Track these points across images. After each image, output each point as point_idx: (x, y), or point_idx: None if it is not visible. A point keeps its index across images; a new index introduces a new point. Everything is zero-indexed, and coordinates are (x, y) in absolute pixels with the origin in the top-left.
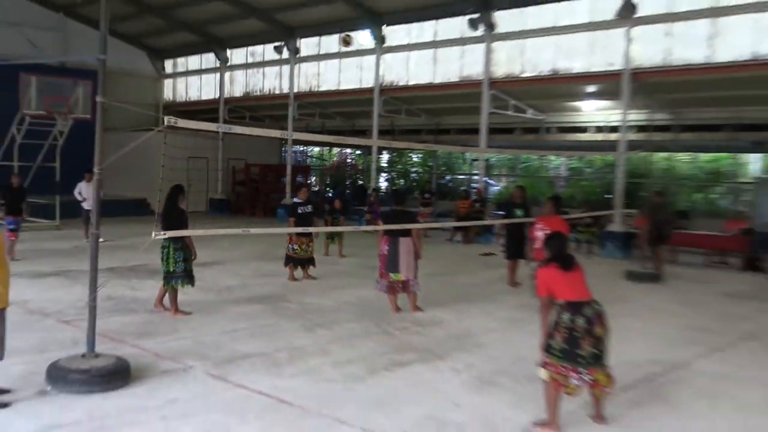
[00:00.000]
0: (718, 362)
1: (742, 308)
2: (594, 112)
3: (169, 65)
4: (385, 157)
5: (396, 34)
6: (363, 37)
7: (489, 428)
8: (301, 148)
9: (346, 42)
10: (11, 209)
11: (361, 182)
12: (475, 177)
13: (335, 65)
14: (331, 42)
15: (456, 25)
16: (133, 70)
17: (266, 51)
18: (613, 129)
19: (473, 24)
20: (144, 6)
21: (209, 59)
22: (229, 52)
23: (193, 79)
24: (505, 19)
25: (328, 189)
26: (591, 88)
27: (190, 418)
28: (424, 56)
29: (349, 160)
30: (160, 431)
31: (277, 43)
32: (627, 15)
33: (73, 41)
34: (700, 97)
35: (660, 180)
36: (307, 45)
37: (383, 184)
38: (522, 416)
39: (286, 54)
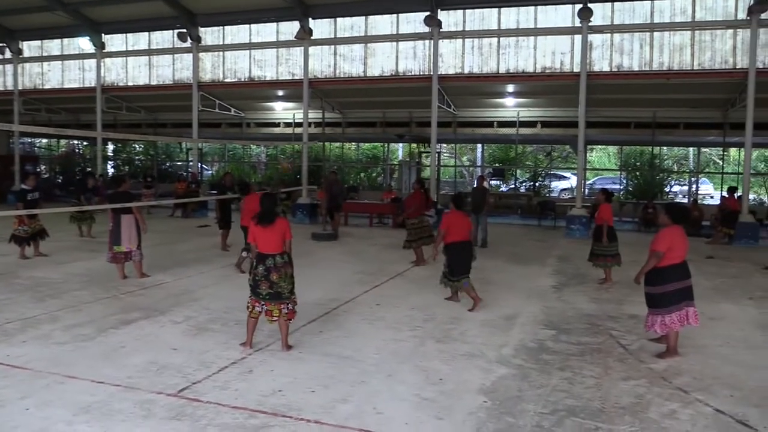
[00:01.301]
0: (376, 295)
1: (393, 255)
2: (283, 111)
3: None
4: (110, 147)
5: (114, 40)
6: (83, 43)
7: (203, 365)
8: (29, 140)
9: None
10: None
11: (89, 169)
12: (191, 163)
13: (59, 66)
14: (53, 45)
15: (168, 37)
16: None
17: None
18: (298, 124)
19: (182, 37)
20: None
21: None
22: None
23: None
24: (209, 34)
25: (57, 176)
26: (280, 92)
27: None
28: (141, 61)
29: (77, 150)
30: None
31: None
32: (304, 37)
33: None
34: (359, 101)
35: (334, 163)
36: (29, 47)
37: (110, 170)
38: (232, 352)
39: (8, 54)
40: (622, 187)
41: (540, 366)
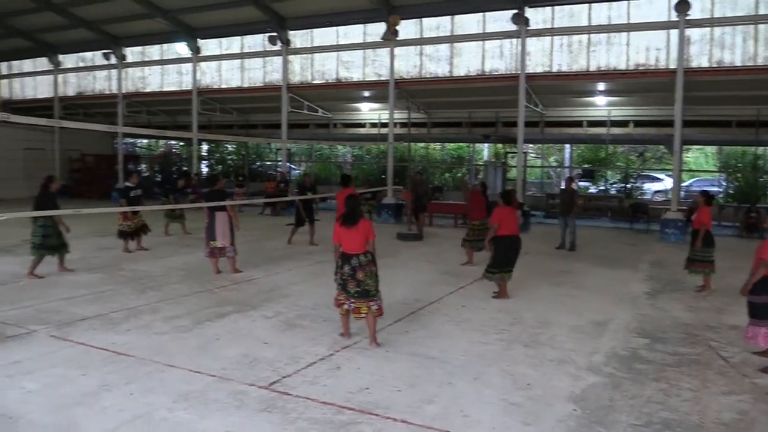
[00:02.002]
0: (461, 296)
1: (478, 256)
2: (369, 111)
3: (4, 67)
4: (205, 147)
5: (209, 45)
6: (181, 48)
7: (293, 360)
8: (131, 140)
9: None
10: None
11: (185, 169)
12: (280, 163)
13: (158, 70)
14: (153, 51)
15: (259, 41)
16: None
17: (96, 57)
18: (384, 125)
19: (272, 40)
20: None
21: (43, 62)
22: (61, 57)
23: (29, 80)
24: (298, 37)
25: (156, 174)
26: (366, 93)
27: (35, 374)
28: (233, 64)
29: (174, 150)
30: (6, 387)
31: (105, 51)
32: (390, 38)
33: None
34: (445, 101)
35: (419, 163)
36: (132, 52)
37: (205, 169)
38: (320, 348)
39: (113, 60)
40: (721, 190)
41: (633, 375)
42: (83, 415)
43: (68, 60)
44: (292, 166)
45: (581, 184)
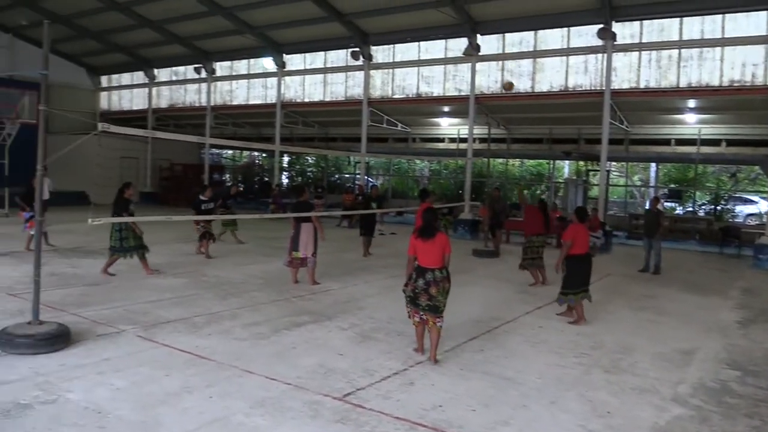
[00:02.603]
0: (538, 316)
1: (558, 276)
2: (448, 126)
3: (105, 80)
4: (286, 159)
5: (294, 60)
6: (267, 63)
7: (367, 372)
8: (217, 151)
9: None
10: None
11: (266, 179)
12: (358, 176)
13: (245, 84)
14: (241, 65)
15: (341, 56)
16: (74, 84)
17: (187, 71)
18: (463, 140)
19: (355, 55)
20: (84, 30)
21: (139, 76)
22: (156, 71)
23: (126, 93)
24: (380, 52)
25: (239, 184)
26: (446, 108)
27: (123, 372)
28: (316, 79)
29: (257, 161)
30: (96, 384)
31: (196, 65)
32: (472, 53)
33: (21, 57)
34: (525, 117)
35: (497, 179)
36: (221, 67)
37: (285, 180)
38: (394, 363)
39: (204, 74)
40: None
41: (723, 410)
42: (166, 415)
43: (162, 74)
44: (370, 179)
45: (667, 204)
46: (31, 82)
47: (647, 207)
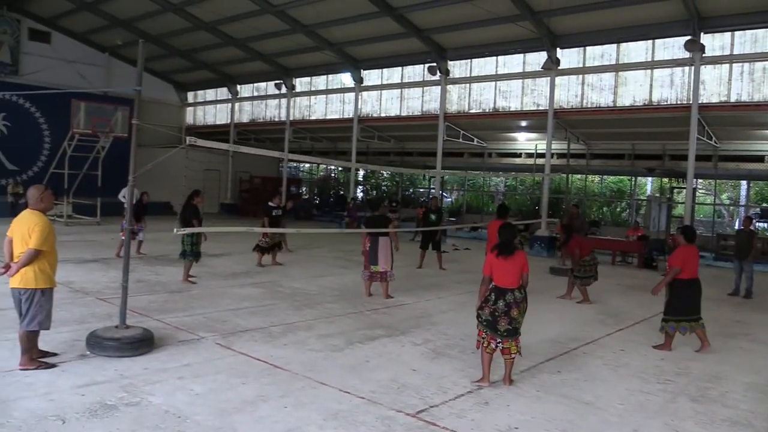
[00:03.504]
0: (620, 339)
1: (640, 297)
2: (525, 141)
3: (191, 96)
4: (361, 172)
5: (371, 75)
6: (345, 78)
7: (440, 389)
8: (295, 164)
9: None
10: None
11: (342, 193)
12: (432, 190)
13: (323, 99)
14: (319, 81)
15: (418, 71)
16: (162, 99)
17: (268, 87)
18: (540, 155)
19: (432, 70)
20: (173, 49)
21: (223, 92)
22: (239, 87)
23: (210, 108)
24: (456, 67)
25: (315, 197)
26: (523, 123)
27: (201, 378)
28: (393, 94)
29: (333, 175)
30: (176, 388)
31: (277, 81)
32: (551, 67)
33: (115, 75)
34: (606, 132)
35: (576, 196)
36: (300, 83)
37: (360, 194)
38: (466, 380)
39: (284, 90)
40: None
41: None
42: (242, 422)
43: (244, 90)
44: (445, 194)
45: (759, 225)
46: (124, 98)
47: (739, 227)
